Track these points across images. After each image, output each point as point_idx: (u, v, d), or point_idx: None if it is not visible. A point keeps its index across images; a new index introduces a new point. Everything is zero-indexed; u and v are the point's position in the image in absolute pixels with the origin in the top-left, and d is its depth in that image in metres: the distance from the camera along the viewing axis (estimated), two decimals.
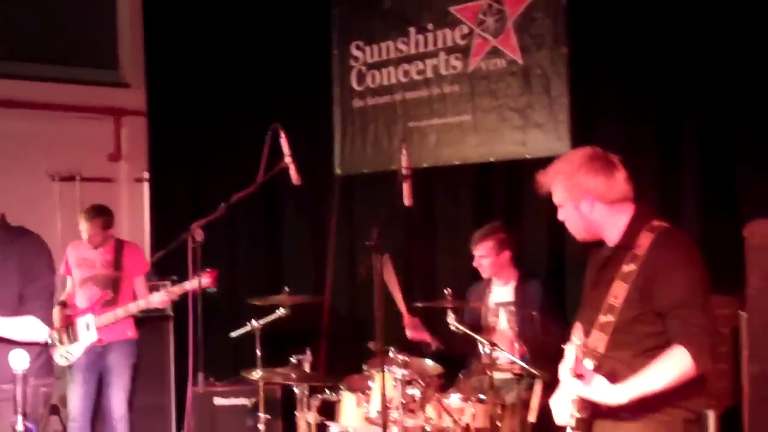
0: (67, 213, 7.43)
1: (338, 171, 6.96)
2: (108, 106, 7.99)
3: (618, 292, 3.07)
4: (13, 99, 7.34)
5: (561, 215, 3.32)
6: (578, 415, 3.11)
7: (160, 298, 5.90)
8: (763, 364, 4.26)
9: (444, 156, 6.32)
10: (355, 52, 6.81)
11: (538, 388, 4.78)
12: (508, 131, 6.00)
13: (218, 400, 6.41)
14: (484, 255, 5.39)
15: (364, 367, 5.18)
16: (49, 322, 3.84)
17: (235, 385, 6.55)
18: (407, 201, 4.40)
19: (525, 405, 4.77)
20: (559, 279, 5.64)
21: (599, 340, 3.09)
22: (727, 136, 5.07)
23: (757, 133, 4.91)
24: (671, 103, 5.29)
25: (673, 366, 2.94)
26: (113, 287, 6.09)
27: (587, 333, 3.12)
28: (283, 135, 4.86)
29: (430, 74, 6.38)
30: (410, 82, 6.50)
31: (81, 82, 7.89)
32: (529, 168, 5.92)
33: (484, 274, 5.47)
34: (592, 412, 3.10)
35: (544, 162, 5.75)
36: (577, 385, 3.01)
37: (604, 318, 3.09)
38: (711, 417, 4.49)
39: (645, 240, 3.09)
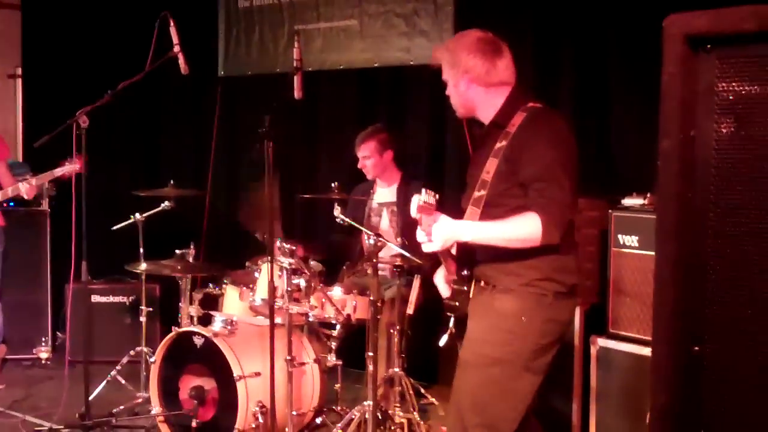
0: None
1: (222, 72, 6.92)
2: None
3: (490, 168, 3.19)
4: None
5: (448, 91, 3.42)
6: (456, 286, 3.36)
7: (29, 185, 5.64)
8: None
9: (329, 60, 6.37)
10: None
11: (416, 282, 4.98)
12: (393, 38, 6.09)
13: (96, 298, 6.43)
14: (367, 155, 5.48)
15: (247, 263, 5.24)
16: None
17: (114, 283, 6.57)
18: (297, 94, 4.40)
19: (404, 300, 4.97)
20: (440, 182, 5.81)
21: (473, 215, 3.22)
22: (603, 52, 5.28)
23: (629, 51, 5.12)
24: (550, 14, 5.46)
25: (521, 226, 3.07)
26: None
27: (463, 211, 3.29)
28: (172, 23, 4.77)
29: None
30: None
31: None
32: (412, 74, 6.09)
33: (369, 175, 5.57)
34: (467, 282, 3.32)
35: (427, 69, 5.97)
36: (426, 222, 3.15)
37: (477, 193, 3.22)
38: (577, 313, 4.79)
39: (518, 119, 3.21)
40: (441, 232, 3.14)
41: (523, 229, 3.07)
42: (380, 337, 4.88)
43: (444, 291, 3.50)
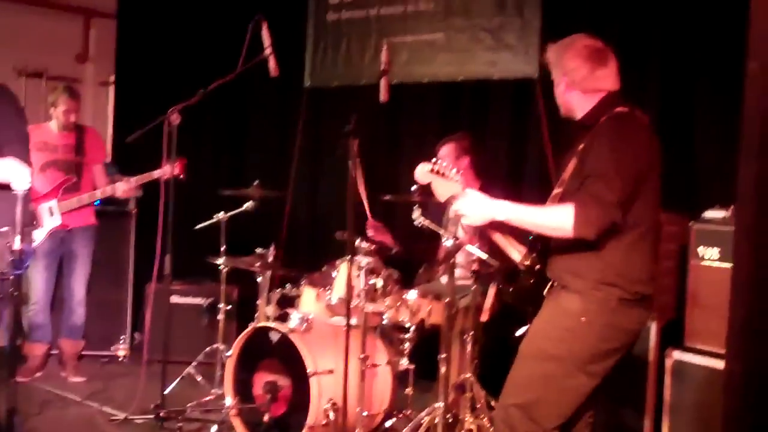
0: (31, 109, 7.37)
1: (308, 82, 7.04)
2: (78, 6, 7.96)
3: (570, 167, 3.29)
4: None
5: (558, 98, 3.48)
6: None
7: (126, 186, 5.85)
8: None
9: (415, 73, 6.43)
10: None
11: (491, 290, 4.99)
12: (479, 51, 6.13)
13: (175, 298, 6.54)
14: (443, 156, 5.47)
15: (325, 266, 5.28)
16: (28, 163, 3.92)
17: (194, 284, 6.69)
18: (384, 97, 4.50)
19: (478, 309, 4.97)
20: (519, 194, 5.79)
21: None
22: (689, 65, 5.25)
23: (715, 63, 5.09)
24: (639, 32, 5.45)
25: (554, 214, 3.14)
26: (76, 172, 6.06)
27: None
28: (264, 26, 4.89)
29: None
30: None
31: None
32: (496, 89, 6.12)
33: None
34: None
35: (512, 84, 6.00)
36: (459, 201, 3.32)
37: (556, 190, 3.34)
38: (653, 328, 4.73)
39: (602, 120, 3.25)
40: (473, 205, 3.32)
41: (555, 217, 3.13)
42: (453, 343, 4.88)
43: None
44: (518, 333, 3.47)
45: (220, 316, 5.76)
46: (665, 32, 5.35)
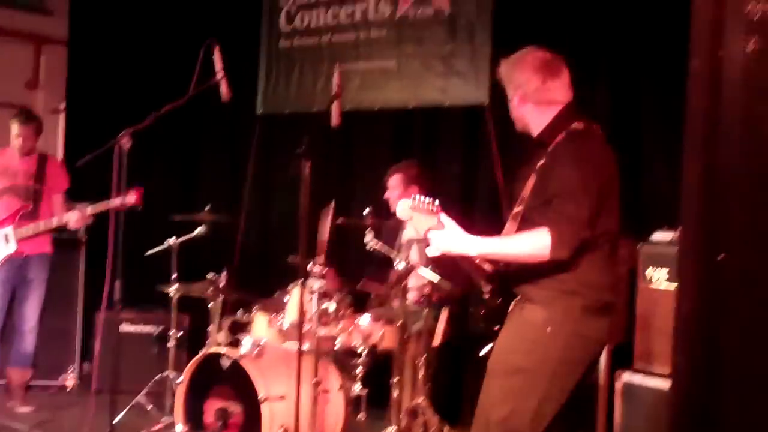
0: None
1: (260, 110, 7.05)
2: (29, 32, 7.88)
3: (529, 184, 3.28)
4: None
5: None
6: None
7: (80, 215, 5.77)
8: None
9: (366, 100, 6.46)
10: None
11: (443, 315, 5.01)
12: (430, 78, 6.19)
13: (125, 327, 6.45)
14: (393, 187, 5.51)
15: (277, 292, 5.25)
16: None
17: (144, 312, 6.61)
18: (335, 121, 4.50)
19: (430, 333, 4.98)
20: (471, 222, 5.82)
21: (510, 228, 3.31)
22: (635, 89, 5.34)
23: (663, 101, 5.18)
24: (588, 59, 5.52)
25: (530, 240, 3.12)
26: (34, 199, 6.00)
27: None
28: (216, 50, 4.88)
29: (358, 18, 6.53)
30: (338, 25, 6.64)
31: (3, 4, 7.75)
32: (447, 116, 6.17)
33: (393, 209, 5.59)
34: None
35: (462, 110, 6.05)
36: (434, 236, 3.26)
37: (517, 209, 3.32)
38: (603, 351, 4.76)
39: (559, 138, 3.26)
40: (445, 241, 3.25)
41: (530, 244, 3.12)
42: (406, 368, 4.88)
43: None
44: (482, 353, 3.45)
45: (171, 344, 5.71)
46: (612, 56, 5.44)
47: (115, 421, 5.05)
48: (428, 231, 3.27)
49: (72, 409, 6.07)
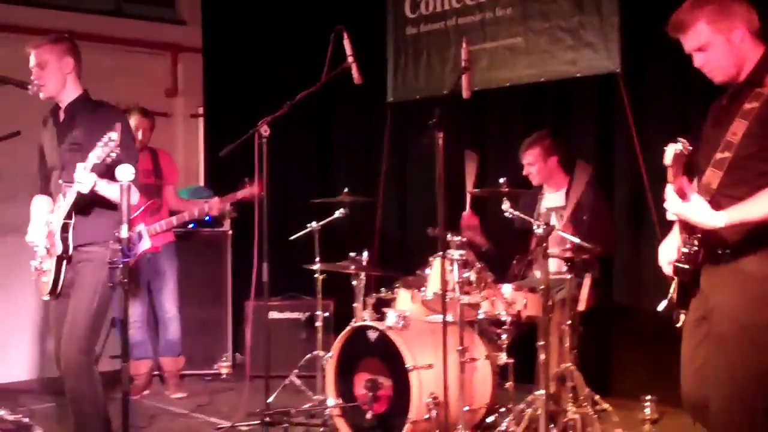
0: None
1: (391, 98, 7.16)
2: (166, 42, 8.25)
3: (737, 129, 3.05)
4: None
5: (699, 60, 3.25)
6: (685, 249, 3.21)
7: (213, 206, 6.03)
8: None
9: (496, 79, 6.46)
10: None
11: (587, 281, 4.99)
12: (559, 52, 6.15)
13: (273, 314, 6.66)
14: (532, 162, 5.54)
15: (418, 271, 5.32)
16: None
17: (290, 300, 6.82)
18: (466, 93, 4.53)
19: (574, 301, 4.96)
20: (609, 188, 5.81)
21: (713, 177, 3.11)
22: None
23: None
24: None
25: None
26: (157, 195, 6.30)
27: (702, 172, 3.17)
28: (346, 36, 4.99)
29: None
30: (463, 7, 6.67)
31: (140, 17, 8.14)
32: (578, 87, 6.15)
33: (534, 181, 5.62)
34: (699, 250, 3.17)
35: (594, 80, 6.01)
36: (676, 202, 3.07)
37: (721, 155, 3.08)
38: None
39: None
40: (691, 213, 3.06)
41: None
42: (551, 335, 4.87)
43: (662, 259, 3.41)
44: (660, 307, 3.37)
45: (318, 323, 5.85)
46: None
47: (269, 400, 5.23)
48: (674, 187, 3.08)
49: (226, 393, 6.33)
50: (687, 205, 3.06)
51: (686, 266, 3.24)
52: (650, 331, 5.72)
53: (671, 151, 3.06)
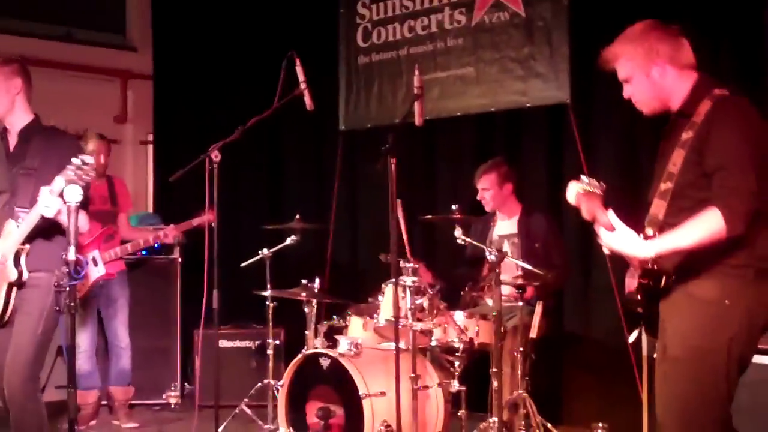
0: None
1: (343, 126, 7.18)
2: (116, 69, 8.19)
3: (677, 159, 3.10)
4: (24, 56, 7.45)
5: (627, 91, 3.32)
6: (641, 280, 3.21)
7: (168, 234, 6.01)
8: None
9: (447, 108, 6.53)
10: (362, 10, 7.07)
11: (538, 308, 5.02)
12: (509, 81, 6.24)
13: (224, 342, 6.59)
14: (487, 187, 5.57)
15: (370, 298, 5.31)
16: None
17: (240, 328, 6.75)
18: (418, 120, 4.54)
19: (526, 328, 4.98)
20: (559, 215, 5.87)
21: (659, 207, 3.14)
22: None
23: None
24: None
25: (703, 225, 2.96)
26: (112, 222, 6.24)
27: (650, 204, 3.20)
28: (298, 62, 4.99)
29: (434, 29, 6.63)
30: (415, 37, 6.74)
31: (90, 43, 8.08)
32: (528, 116, 6.23)
33: (487, 207, 5.65)
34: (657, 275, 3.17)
35: (544, 109, 6.09)
36: (605, 235, 3.11)
37: (664, 185, 3.13)
38: None
39: (704, 107, 3.10)
40: (619, 245, 3.11)
41: (705, 228, 2.97)
42: (504, 363, 4.89)
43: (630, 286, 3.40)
44: (631, 339, 3.43)
45: (269, 351, 5.81)
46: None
47: (219, 430, 5.15)
48: (596, 223, 3.13)
49: (176, 423, 6.22)
50: (614, 237, 3.11)
51: (637, 297, 3.26)
52: (600, 360, 5.80)
53: (573, 189, 3.16)
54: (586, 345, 5.89)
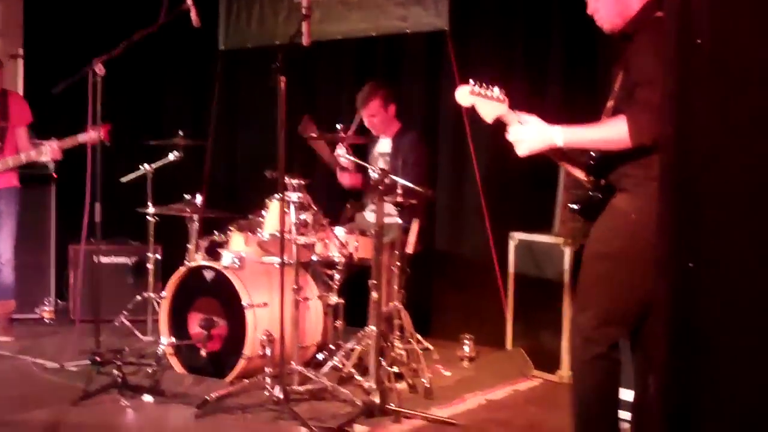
0: None
1: (222, 46, 7.18)
2: None
3: (617, 78, 3.31)
4: None
5: (591, 7, 3.40)
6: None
7: (50, 149, 5.88)
8: None
9: (329, 31, 6.60)
10: None
11: (415, 226, 5.23)
12: (391, 7, 6.38)
13: (102, 258, 6.55)
14: (374, 113, 5.68)
15: (250, 215, 5.41)
16: None
17: (118, 245, 6.76)
18: (306, 40, 4.62)
19: (402, 244, 5.20)
20: (435, 138, 6.10)
21: None
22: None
23: None
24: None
25: (610, 129, 3.20)
26: (0, 136, 6.09)
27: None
28: None
29: None
30: None
31: None
32: (409, 42, 6.39)
33: (375, 131, 5.78)
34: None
35: (424, 36, 6.26)
36: (515, 128, 3.30)
37: (609, 103, 3.35)
38: (567, 252, 5.06)
39: (643, 30, 3.24)
40: (534, 132, 3.29)
41: (611, 131, 3.19)
42: (381, 276, 5.09)
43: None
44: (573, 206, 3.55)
45: (150, 266, 5.87)
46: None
47: (101, 338, 5.18)
48: (497, 119, 3.30)
49: (51, 337, 6.20)
50: (524, 127, 3.32)
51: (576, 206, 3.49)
52: (468, 276, 6.11)
53: (464, 90, 3.37)
54: (455, 262, 6.18)
